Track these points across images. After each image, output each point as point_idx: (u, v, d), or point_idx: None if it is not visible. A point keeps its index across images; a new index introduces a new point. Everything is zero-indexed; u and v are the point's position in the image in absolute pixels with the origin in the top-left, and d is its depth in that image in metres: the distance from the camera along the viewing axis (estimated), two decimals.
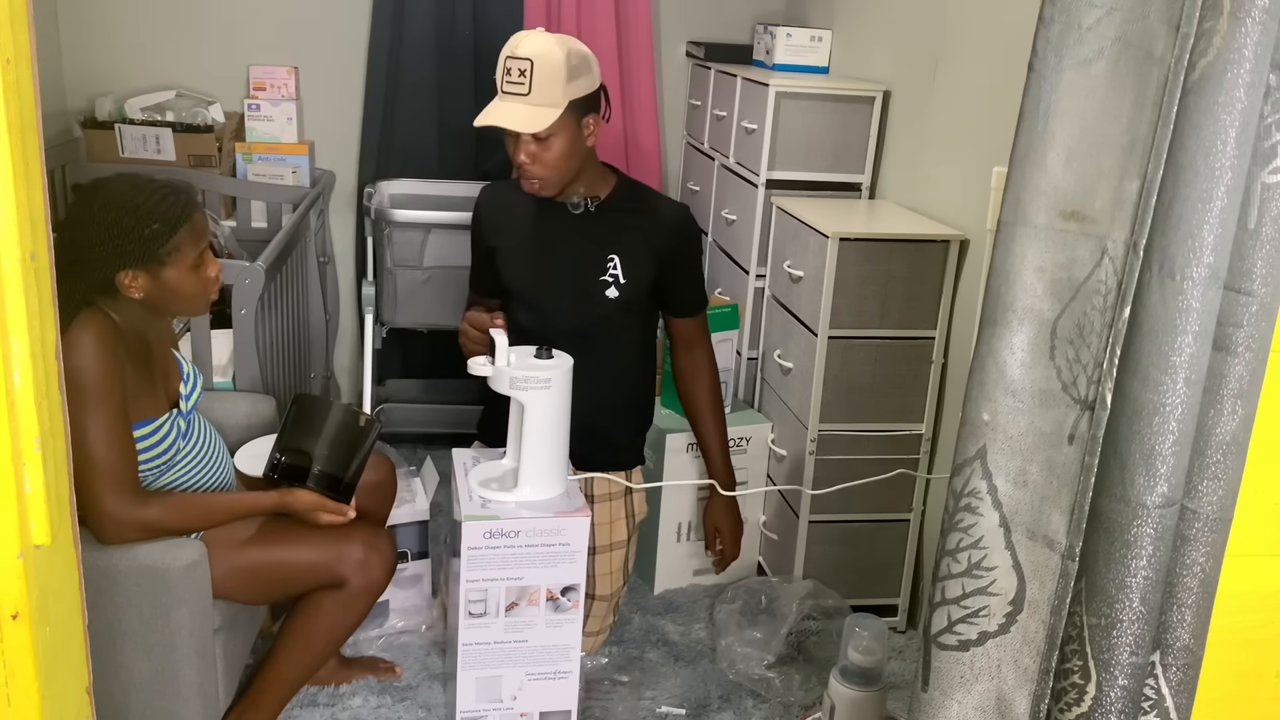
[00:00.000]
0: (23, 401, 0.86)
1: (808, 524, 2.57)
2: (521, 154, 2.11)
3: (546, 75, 2.04)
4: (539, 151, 2.10)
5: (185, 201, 1.83)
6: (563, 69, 2.05)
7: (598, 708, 2.27)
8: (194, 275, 1.84)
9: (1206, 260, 1.04)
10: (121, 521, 1.76)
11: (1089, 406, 1.13)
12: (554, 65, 2.04)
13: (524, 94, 2.05)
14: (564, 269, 2.24)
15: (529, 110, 2.06)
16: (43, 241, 0.89)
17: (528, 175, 2.14)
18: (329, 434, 1.93)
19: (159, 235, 1.77)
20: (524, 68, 2.04)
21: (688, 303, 2.35)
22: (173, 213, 1.79)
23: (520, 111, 2.06)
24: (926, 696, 1.26)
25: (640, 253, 2.24)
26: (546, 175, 2.13)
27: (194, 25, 3.42)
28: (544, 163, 2.11)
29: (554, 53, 2.05)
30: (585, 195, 2.22)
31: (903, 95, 2.80)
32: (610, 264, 2.24)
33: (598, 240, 2.24)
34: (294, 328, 2.90)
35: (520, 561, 1.97)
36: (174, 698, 1.85)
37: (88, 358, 1.70)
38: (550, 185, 2.16)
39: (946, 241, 2.45)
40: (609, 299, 2.24)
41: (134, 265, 1.76)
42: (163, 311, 1.88)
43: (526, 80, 2.04)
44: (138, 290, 1.78)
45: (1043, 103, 1.11)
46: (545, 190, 2.17)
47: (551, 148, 2.09)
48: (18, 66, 0.83)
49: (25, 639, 0.89)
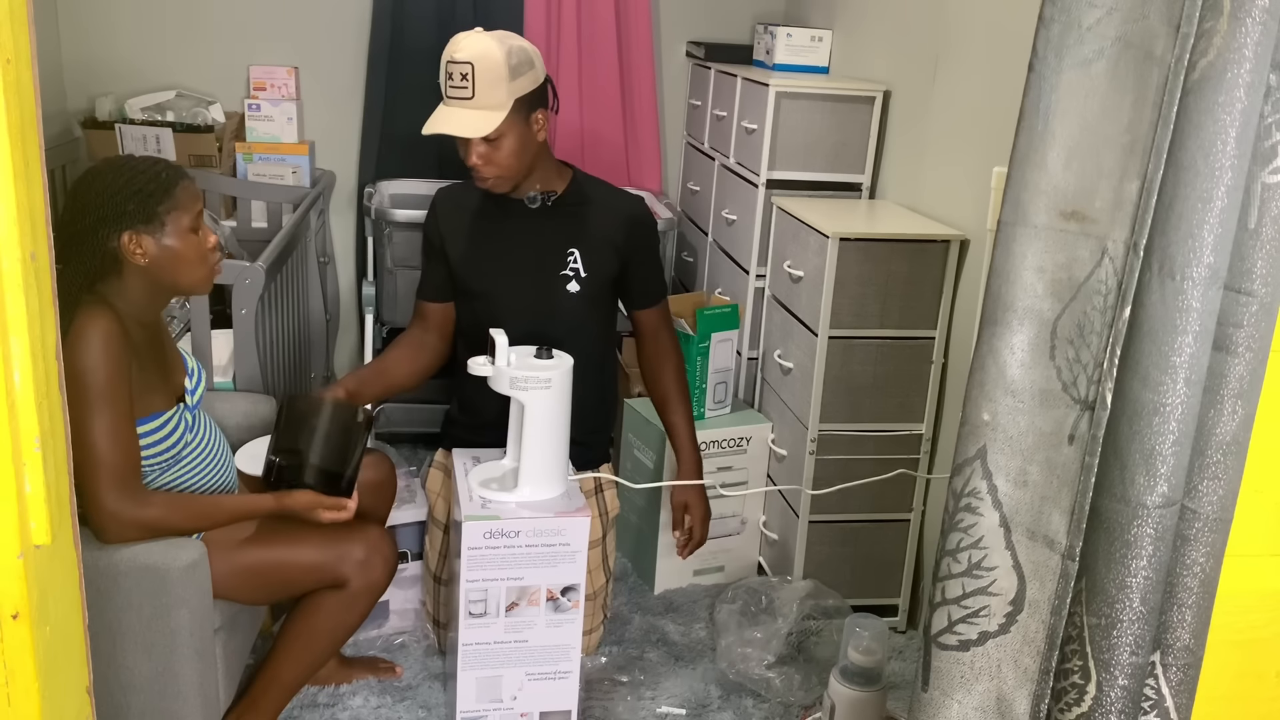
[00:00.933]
0: (23, 401, 0.86)
1: (808, 524, 2.57)
2: (473, 156, 2.11)
3: (488, 77, 2.05)
4: (490, 152, 2.10)
5: (174, 169, 1.87)
6: (504, 68, 2.05)
7: (598, 708, 2.27)
8: (193, 240, 1.84)
9: (1206, 260, 1.04)
10: (122, 520, 1.76)
11: (1089, 406, 1.13)
12: (495, 66, 2.05)
13: (468, 98, 2.06)
14: (524, 264, 2.24)
15: (474, 115, 2.06)
16: (43, 241, 0.89)
17: (480, 176, 2.15)
18: (322, 431, 1.92)
19: (155, 193, 1.80)
20: (465, 71, 2.05)
21: (650, 293, 2.35)
22: (163, 175, 1.83)
23: (465, 116, 2.07)
24: (926, 696, 1.26)
25: (601, 246, 2.24)
26: (499, 174, 2.14)
27: (194, 25, 3.42)
28: (495, 163, 2.12)
29: (493, 53, 2.05)
30: (541, 190, 2.23)
31: (903, 95, 2.80)
32: (570, 257, 2.24)
33: (557, 234, 2.24)
34: (294, 328, 2.90)
35: (520, 561, 1.97)
36: (174, 698, 1.85)
37: (94, 354, 1.70)
38: (503, 183, 2.17)
39: (946, 241, 2.45)
40: (570, 293, 2.24)
41: (135, 225, 1.78)
42: (167, 285, 1.87)
43: (469, 84, 2.05)
44: (142, 255, 1.79)
45: (1043, 103, 1.11)
46: (499, 188, 2.18)
47: (501, 148, 2.10)
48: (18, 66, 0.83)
49: (25, 639, 0.89)
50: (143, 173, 1.81)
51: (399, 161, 3.51)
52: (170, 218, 1.81)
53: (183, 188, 1.84)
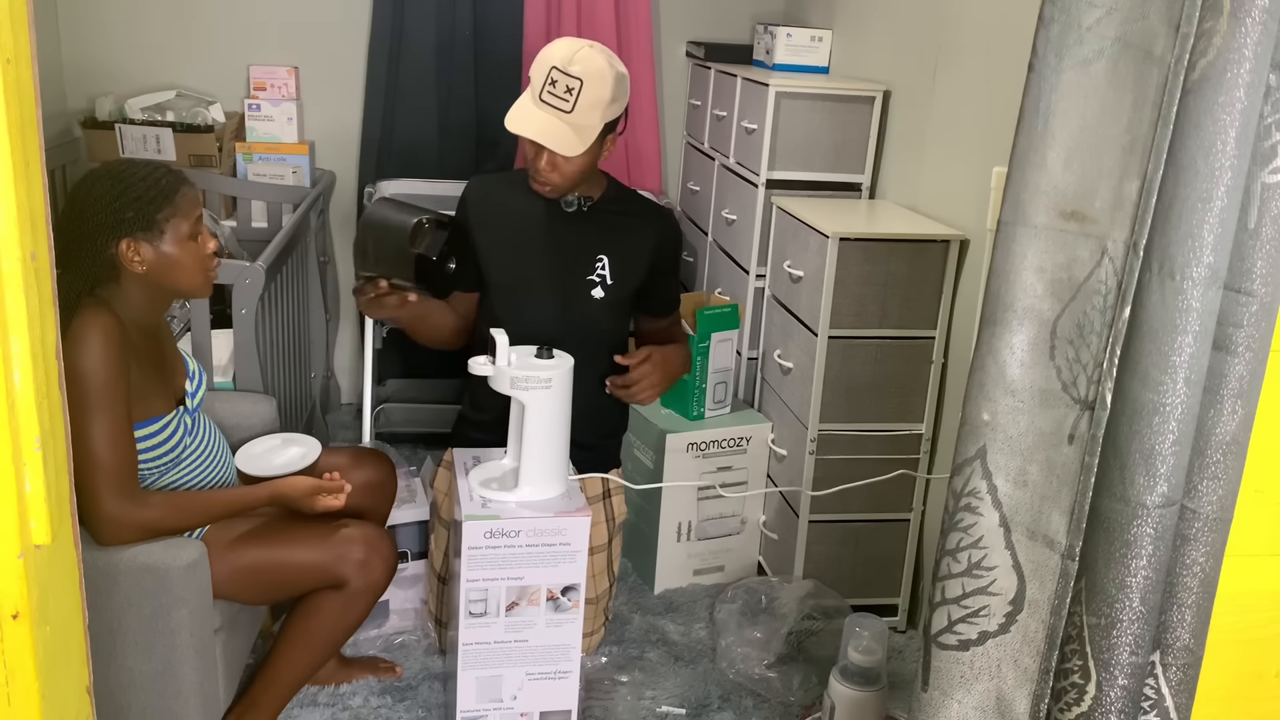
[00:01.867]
0: (23, 401, 0.86)
1: (808, 524, 2.57)
2: (543, 160, 2.10)
3: (593, 98, 2.03)
4: (562, 163, 2.09)
5: (175, 175, 1.86)
6: (609, 93, 2.04)
7: (598, 708, 2.27)
8: (192, 246, 1.84)
9: (1206, 260, 1.05)
10: (120, 523, 1.76)
11: (1089, 406, 1.13)
12: (603, 89, 2.03)
13: (566, 111, 2.03)
14: (553, 266, 2.24)
15: (568, 129, 2.04)
16: (43, 241, 0.89)
17: (543, 180, 2.13)
18: None
19: (155, 200, 1.79)
20: (572, 85, 2.02)
21: (666, 302, 2.38)
22: (164, 182, 1.83)
23: (558, 128, 2.04)
24: (926, 696, 1.26)
25: (630, 255, 2.25)
26: (561, 184, 2.14)
27: (194, 25, 3.42)
28: (563, 173, 2.11)
29: (605, 76, 2.04)
30: (580, 195, 2.23)
31: (903, 95, 2.80)
32: (599, 264, 2.24)
33: (589, 240, 2.24)
34: (294, 328, 2.90)
35: (520, 561, 1.97)
36: (174, 698, 1.85)
37: (93, 357, 1.70)
38: (561, 191, 2.17)
39: (946, 241, 2.45)
40: (594, 299, 2.24)
41: (133, 233, 1.78)
42: (166, 290, 1.87)
43: (572, 98, 2.02)
44: (140, 262, 1.79)
45: (1043, 103, 1.11)
46: (555, 194, 2.18)
47: (574, 161, 2.10)
48: (18, 66, 0.83)
49: (25, 639, 0.89)
50: (143, 179, 1.81)
51: (399, 161, 3.51)
52: (169, 225, 1.81)
53: (183, 194, 1.84)
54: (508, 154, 3.50)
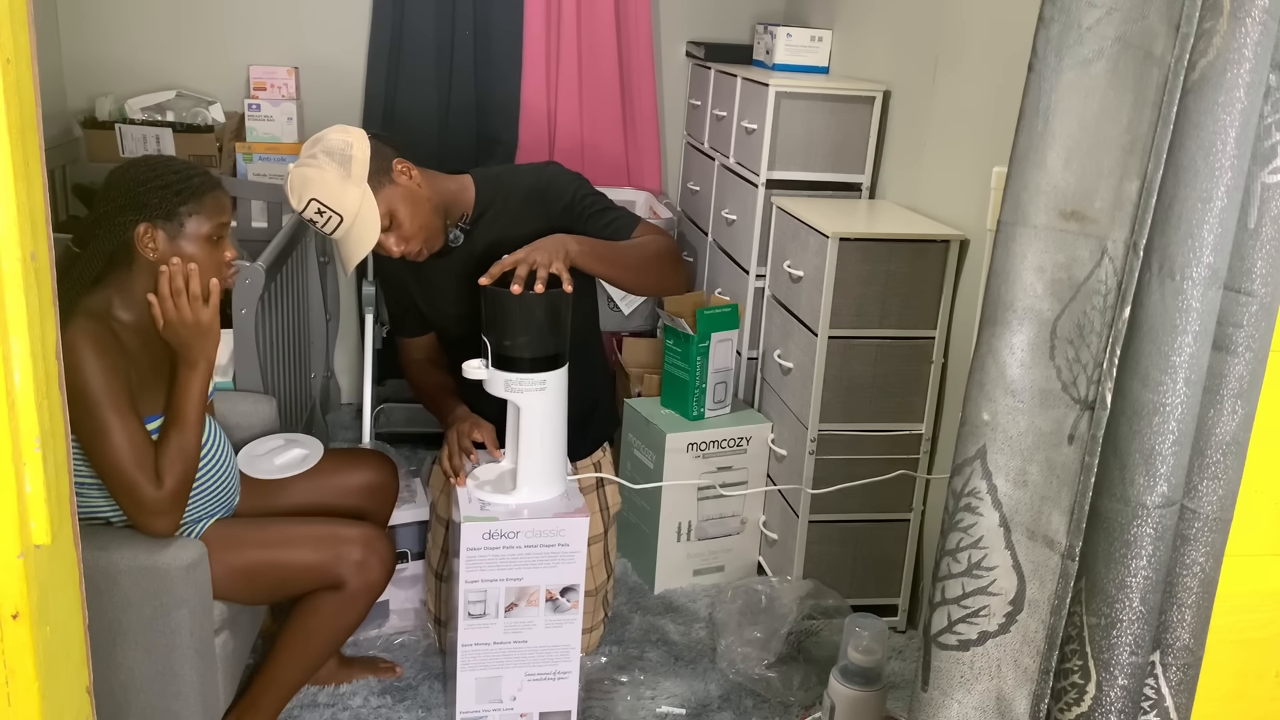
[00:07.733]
0: (23, 401, 0.86)
1: (808, 524, 2.57)
2: (390, 247, 2.07)
3: (332, 195, 1.98)
4: (397, 234, 2.06)
5: (209, 178, 1.87)
6: (336, 178, 1.99)
7: (598, 708, 2.27)
8: (210, 249, 1.83)
9: (1206, 260, 1.04)
10: (163, 505, 1.77)
11: (1089, 406, 1.13)
12: (331, 184, 1.98)
13: (341, 223, 2.01)
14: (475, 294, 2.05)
15: (356, 231, 2.01)
16: (43, 241, 0.89)
17: (411, 255, 2.10)
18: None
19: (181, 193, 1.80)
20: (319, 209, 1.99)
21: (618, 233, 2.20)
22: (195, 180, 1.84)
23: (355, 236, 2.02)
24: (926, 696, 1.26)
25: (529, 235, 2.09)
26: (421, 242, 2.09)
27: (194, 25, 3.42)
28: (410, 235, 2.07)
29: (321, 177, 1.98)
30: (454, 224, 2.17)
31: (903, 95, 2.80)
32: None
33: (488, 251, 2.14)
34: (294, 328, 2.90)
35: (519, 562, 1.97)
36: (174, 698, 1.85)
37: (89, 369, 1.70)
38: (433, 243, 2.12)
39: (946, 241, 2.45)
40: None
41: (153, 218, 1.78)
42: None
43: (330, 212, 1.99)
44: (153, 249, 1.79)
45: (1043, 103, 1.11)
46: (433, 248, 2.13)
47: (401, 223, 2.05)
48: (18, 66, 0.83)
49: (25, 639, 0.89)
50: (176, 171, 1.83)
51: None
52: (190, 220, 1.81)
53: (212, 196, 1.85)
54: (508, 153, 3.50)
